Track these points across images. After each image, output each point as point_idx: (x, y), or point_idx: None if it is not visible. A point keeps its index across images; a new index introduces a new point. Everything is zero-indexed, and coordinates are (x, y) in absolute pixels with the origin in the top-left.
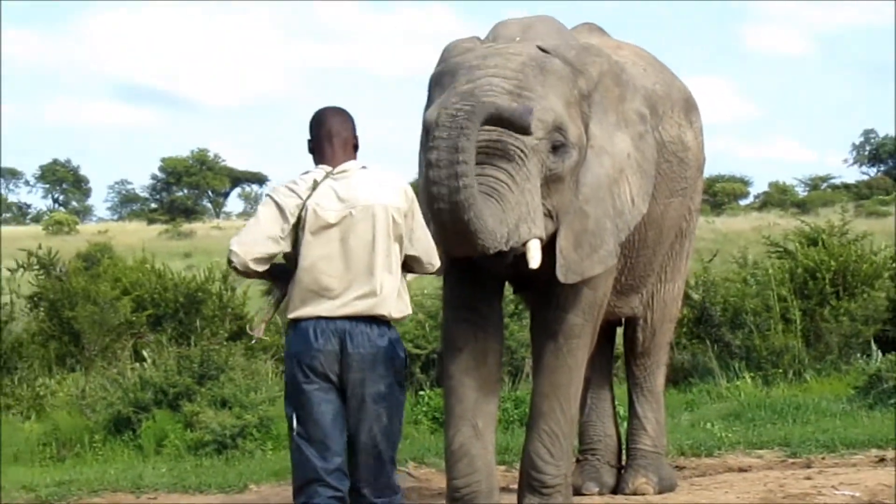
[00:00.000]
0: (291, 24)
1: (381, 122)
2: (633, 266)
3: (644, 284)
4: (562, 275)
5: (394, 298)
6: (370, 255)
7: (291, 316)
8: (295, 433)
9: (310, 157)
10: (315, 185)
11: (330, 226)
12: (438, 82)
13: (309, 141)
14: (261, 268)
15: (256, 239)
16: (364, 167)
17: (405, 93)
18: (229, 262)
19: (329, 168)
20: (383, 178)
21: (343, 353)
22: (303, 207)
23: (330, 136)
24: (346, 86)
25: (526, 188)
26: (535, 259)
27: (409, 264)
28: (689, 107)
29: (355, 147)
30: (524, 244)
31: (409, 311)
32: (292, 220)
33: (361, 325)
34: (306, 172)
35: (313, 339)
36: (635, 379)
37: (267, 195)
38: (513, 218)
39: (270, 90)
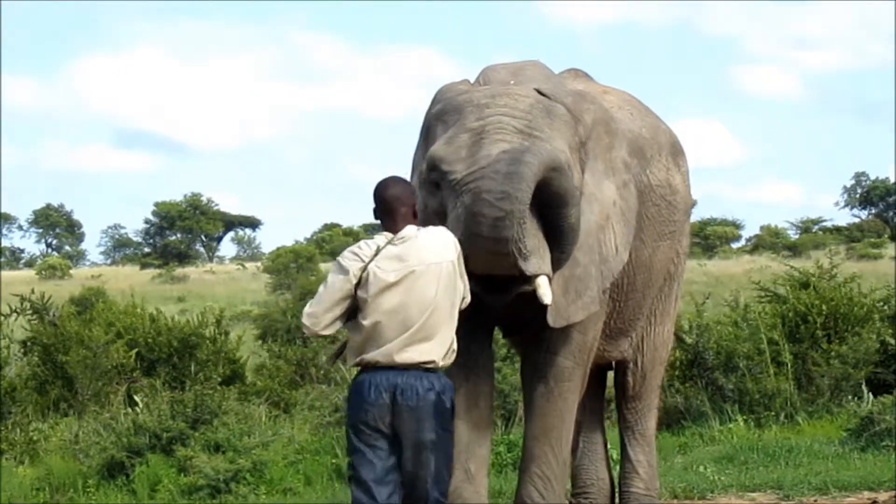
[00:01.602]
0: (280, 68)
1: (371, 163)
2: (622, 310)
3: (633, 328)
4: (551, 319)
5: (446, 347)
6: (430, 310)
7: (352, 363)
8: (353, 482)
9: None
10: (378, 250)
11: (390, 285)
12: (441, 119)
13: (374, 209)
14: (329, 332)
15: (325, 308)
16: (420, 229)
17: (397, 138)
18: (303, 325)
19: (391, 235)
20: (436, 236)
21: (394, 404)
22: (364, 269)
23: (393, 207)
24: (335, 128)
25: (537, 225)
26: (547, 295)
27: None
28: (676, 151)
29: (414, 214)
30: (534, 278)
31: (453, 355)
32: (354, 282)
33: (411, 377)
34: (371, 238)
35: (367, 394)
36: (626, 422)
37: (336, 260)
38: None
39: (262, 134)
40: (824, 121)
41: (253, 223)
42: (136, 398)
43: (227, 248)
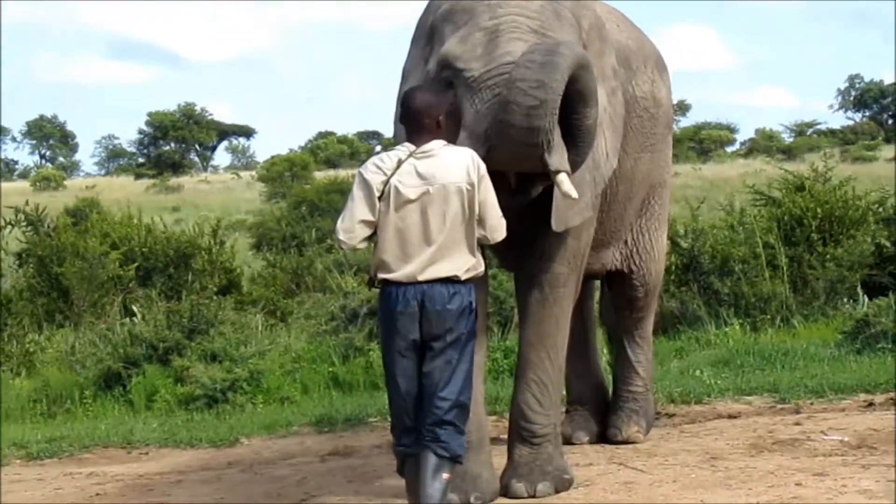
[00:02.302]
0: None
1: (367, 76)
2: (604, 221)
3: (616, 239)
4: (554, 223)
5: (463, 261)
6: (443, 227)
7: (380, 277)
8: (390, 388)
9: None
10: (399, 163)
11: (410, 201)
12: (449, 20)
13: (399, 116)
14: (364, 245)
15: (355, 223)
16: (445, 145)
17: (392, 47)
18: (339, 243)
19: (413, 147)
20: (460, 156)
21: (422, 312)
22: (387, 183)
23: (417, 118)
24: (330, 41)
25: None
26: (572, 190)
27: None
28: (661, 64)
29: (438, 125)
30: (556, 174)
31: (481, 269)
32: (377, 195)
33: (437, 286)
34: (393, 149)
35: (395, 304)
36: (627, 327)
37: (358, 172)
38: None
39: (256, 45)
40: (816, 26)
41: (247, 132)
42: (134, 308)
43: (222, 157)
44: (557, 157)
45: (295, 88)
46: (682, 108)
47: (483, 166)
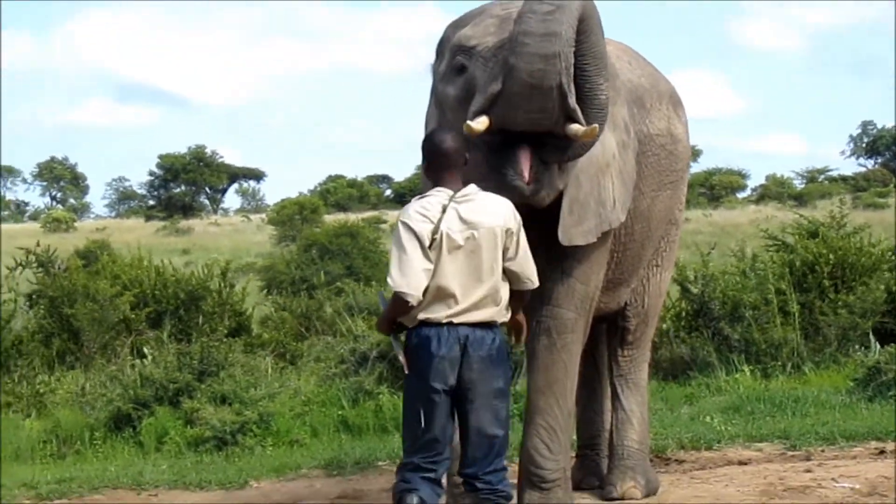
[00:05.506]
0: (285, 25)
1: (376, 120)
2: (620, 261)
3: (632, 278)
4: (560, 235)
5: (502, 305)
6: (492, 271)
7: (419, 318)
8: (417, 430)
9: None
10: (444, 209)
11: (459, 247)
12: (460, 24)
13: (425, 161)
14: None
15: (416, 274)
16: (479, 190)
17: (400, 90)
18: (405, 302)
19: (449, 191)
20: (498, 201)
21: (464, 356)
22: (436, 231)
23: (450, 161)
24: (338, 84)
25: None
26: (586, 128)
27: (509, 279)
28: (676, 100)
29: (465, 163)
30: (570, 124)
31: (509, 316)
32: (428, 244)
33: (479, 331)
34: (426, 196)
35: (436, 347)
36: (620, 371)
37: (403, 222)
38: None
39: (265, 89)
40: (825, 73)
41: (257, 175)
42: (145, 350)
43: (232, 200)
44: (573, 100)
45: (304, 132)
46: (693, 153)
47: (518, 216)
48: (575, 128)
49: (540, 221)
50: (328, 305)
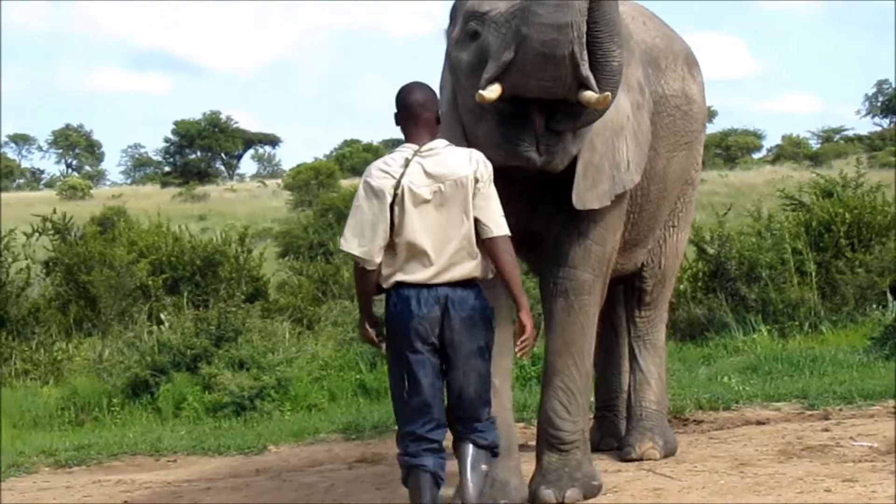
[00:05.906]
0: None
1: (391, 83)
2: (636, 221)
3: (648, 239)
4: (574, 199)
5: (478, 261)
6: (462, 225)
7: (395, 280)
8: (404, 394)
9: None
10: (406, 163)
11: (426, 201)
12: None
13: (396, 115)
14: (381, 258)
15: (371, 236)
16: (448, 144)
17: (415, 53)
18: (357, 264)
19: (415, 146)
20: (467, 153)
21: (445, 316)
22: (398, 186)
23: (416, 115)
24: (354, 48)
25: None
26: (597, 94)
27: (476, 227)
28: (691, 61)
29: (437, 121)
30: (583, 90)
31: (492, 267)
32: (389, 200)
33: (459, 290)
34: (391, 152)
35: (416, 307)
36: (638, 332)
37: (364, 180)
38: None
39: (279, 54)
40: (841, 29)
41: (272, 140)
42: (162, 316)
43: (248, 165)
44: (586, 68)
45: (320, 97)
46: (709, 114)
47: (489, 164)
48: (588, 95)
49: (555, 185)
50: (345, 270)
